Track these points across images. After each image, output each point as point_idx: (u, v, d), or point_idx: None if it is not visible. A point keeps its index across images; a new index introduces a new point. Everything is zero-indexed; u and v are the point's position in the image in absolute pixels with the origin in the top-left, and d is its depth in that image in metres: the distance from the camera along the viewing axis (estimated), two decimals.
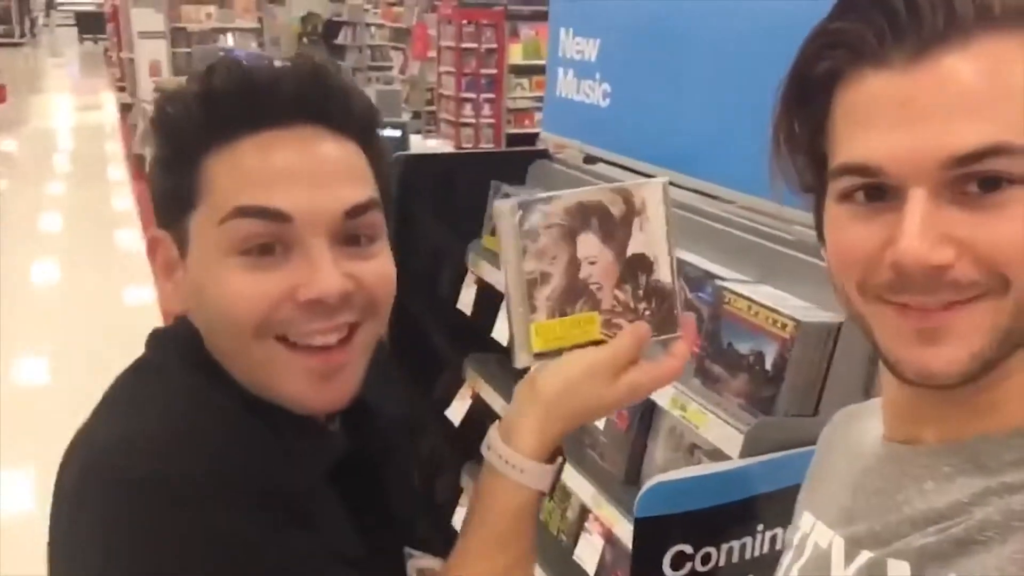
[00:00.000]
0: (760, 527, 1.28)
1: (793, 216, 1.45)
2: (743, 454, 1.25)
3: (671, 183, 1.76)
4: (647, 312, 0.88)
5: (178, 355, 0.83)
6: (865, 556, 0.70)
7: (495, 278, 2.02)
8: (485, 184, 2.12)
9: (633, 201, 0.86)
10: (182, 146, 0.78)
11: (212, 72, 0.78)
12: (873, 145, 0.63)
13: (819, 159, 0.70)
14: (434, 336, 2.23)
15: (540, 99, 10.27)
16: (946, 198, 0.61)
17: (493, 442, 0.88)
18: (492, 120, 9.89)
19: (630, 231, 0.86)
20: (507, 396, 2.05)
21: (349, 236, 0.80)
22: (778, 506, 1.29)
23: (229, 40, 11.25)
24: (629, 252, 0.86)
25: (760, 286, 1.42)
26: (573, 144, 2.07)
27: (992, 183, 0.60)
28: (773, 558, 1.30)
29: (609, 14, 1.93)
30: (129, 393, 0.81)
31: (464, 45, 9.79)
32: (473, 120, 9.85)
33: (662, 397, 1.43)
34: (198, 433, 0.76)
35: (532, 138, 10.81)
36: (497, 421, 0.92)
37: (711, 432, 1.32)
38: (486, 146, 9.72)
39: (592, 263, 0.85)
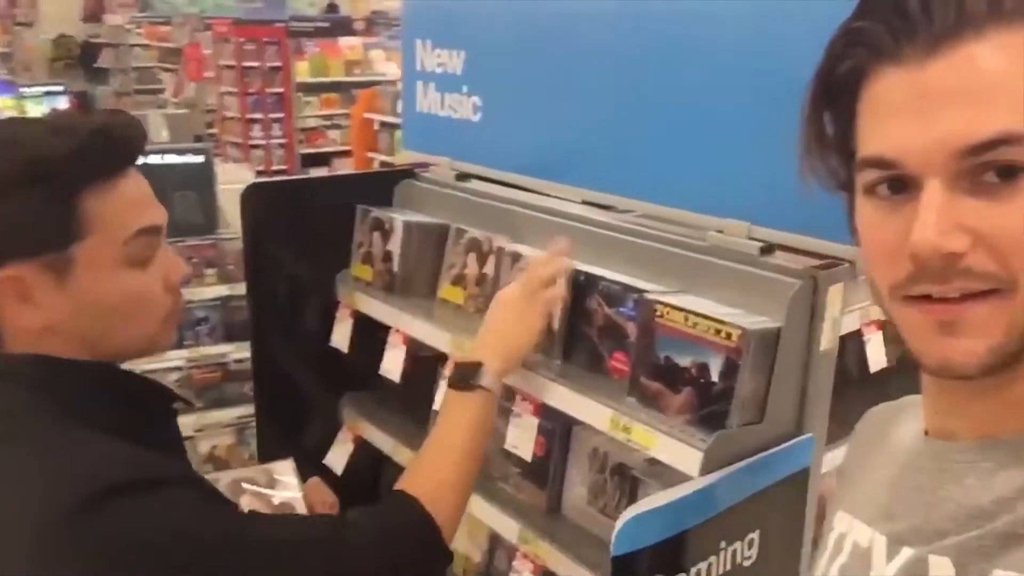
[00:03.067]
0: (723, 544, 1.25)
1: (707, 223, 1.44)
2: (704, 471, 1.21)
3: (558, 196, 1.72)
4: None
5: (26, 397, 1.01)
6: (907, 553, 0.70)
7: (376, 310, 1.87)
8: (348, 209, 1.97)
9: None
10: (59, 190, 0.98)
11: (82, 123, 1.01)
12: (890, 138, 0.65)
13: (850, 156, 0.72)
14: (303, 378, 2.04)
15: (331, 117, 9.99)
16: (963, 188, 0.63)
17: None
18: (284, 140, 9.49)
19: None
20: (397, 435, 1.91)
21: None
22: (736, 519, 1.27)
23: None
24: None
25: (683, 295, 1.39)
26: (442, 161, 1.97)
27: (1009, 172, 0.62)
28: (735, 574, 1.27)
29: (474, 25, 1.84)
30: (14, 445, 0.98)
31: (246, 64, 9.33)
32: (263, 141, 9.41)
33: (600, 420, 1.36)
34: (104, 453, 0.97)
35: (327, 157, 10.56)
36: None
37: (664, 452, 1.27)
38: (279, 167, 9.32)
39: None
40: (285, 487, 1.39)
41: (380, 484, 2.13)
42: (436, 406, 1.69)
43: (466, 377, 1.32)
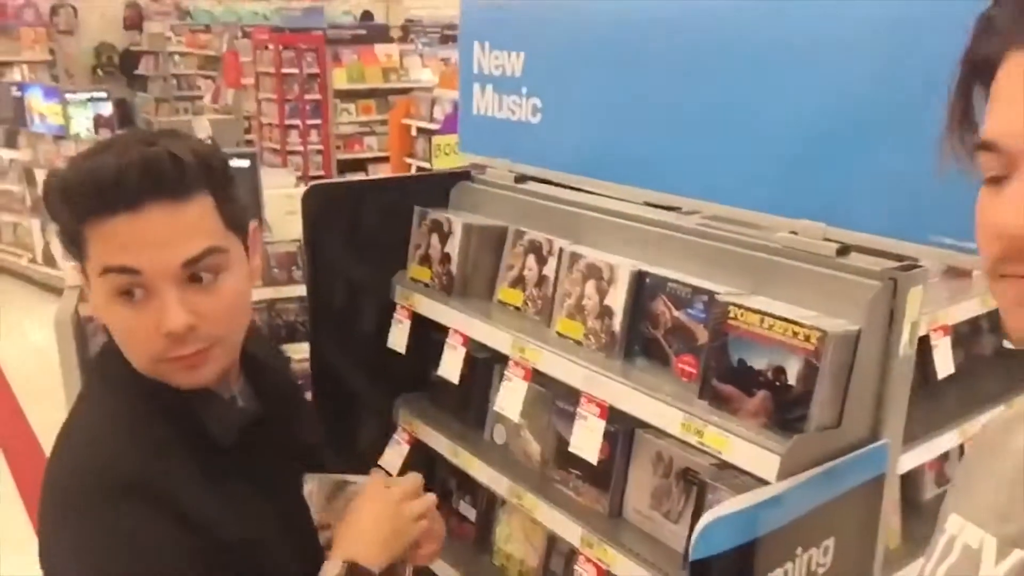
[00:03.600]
0: (799, 550, 1.22)
1: (778, 223, 1.42)
2: (781, 476, 1.19)
3: (618, 198, 1.70)
4: None
5: (101, 380, 1.15)
6: (1018, 555, 0.69)
7: (429, 309, 1.87)
8: (405, 211, 1.97)
9: None
10: (63, 221, 1.04)
11: (67, 171, 1.03)
12: (995, 121, 0.65)
13: None
14: (360, 379, 2.04)
15: (367, 123, 9.99)
16: None
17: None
18: (320, 147, 9.56)
19: None
20: (452, 436, 1.91)
21: (192, 276, 1.05)
22: (812, 525, 1.24)
23: (16, 75, 10.27)
24: None
25: (756, 297, 1.36)
26: (500, 163, 1.96)
27: None
28: None
29: (534, 26, 1.84)
30: (67, 431, 1.10)
31: (285, 71, 9.41)
32: (300, 148, 9.48)
33: (671, 423, 1.34)
34: (97, 454, 1.04)
35: (363, 163, 10.54)
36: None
37: (738, 456, 1.25)
38: (316, 173, 9.38)
39: None
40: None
41: (434, 486, 2.12)
42: (496, 407, 1.69)
43: None
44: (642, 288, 1.50)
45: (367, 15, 14.08)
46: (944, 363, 1.72)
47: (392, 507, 1.24)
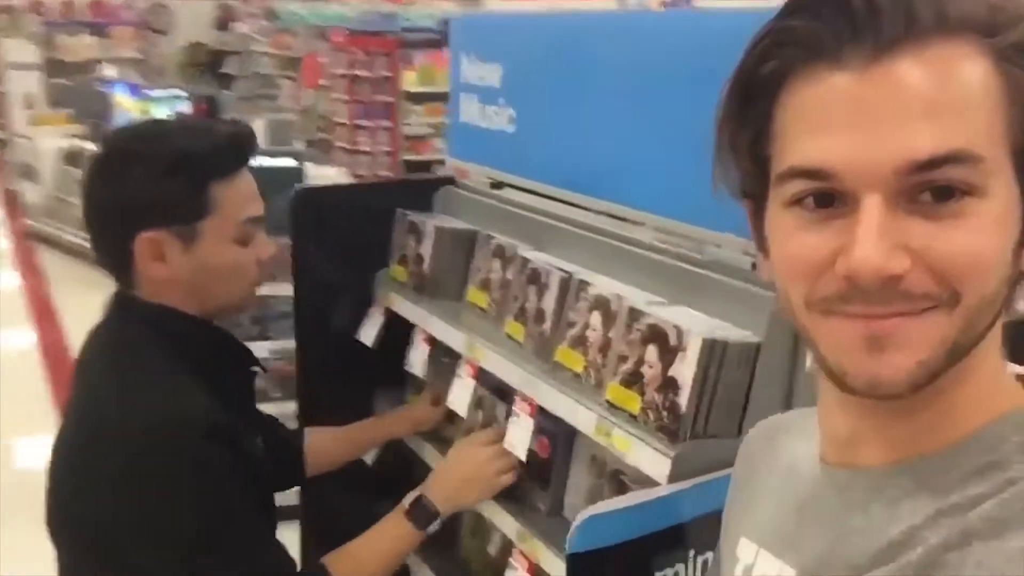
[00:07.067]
0: (692, 553, 1.26)
1: (704, 236, 1.46)
2: (671, 479, 1.23)
3: (579, 206, 1.76)
4: None
5: (145, 332, 1.32)
6: None
7: (405, 309, 1.96)
8: (390, 213, 2.07)
9: None
10: (195, 178, 1.28)
11: (214, 128, 1.38)
12: (827, 148, 0.60)
13: (761, 163, 0.67)
14: (340, 373, 2.14)
15: (436, 126, 10.11)
16: (900, 206, 0.59)
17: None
18: (388, 148, 9.79)
19: None
20: (424, 432, 1.99)
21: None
22: (708, 530, 1.27)
23: (108, 71, 10.83)
24: None
25: (674, 307, 1.41)
26: (479, 170, 2.04)
27: (946, 193, 0.59)
28: None
29: (510, 39, 1.91)
30: (117, 374, 1.30)
31: (357, 73, 9.69)
32: (369, 148, 9.74)
33: (586, 424, 1.40)
34: (165, 401, 1.25)
35: (428, 165, 10.70)
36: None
37: (637, 458, 1.30)
38: (384, 173, 9.61)
39: None
40: None
41: (411, 479, 2.21)
42: (447, 402, 1.76)
43: (426, 521, 1.55)
44: (567, 291, 1.55)
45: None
46: None
47: (475, 459, 1.59)
